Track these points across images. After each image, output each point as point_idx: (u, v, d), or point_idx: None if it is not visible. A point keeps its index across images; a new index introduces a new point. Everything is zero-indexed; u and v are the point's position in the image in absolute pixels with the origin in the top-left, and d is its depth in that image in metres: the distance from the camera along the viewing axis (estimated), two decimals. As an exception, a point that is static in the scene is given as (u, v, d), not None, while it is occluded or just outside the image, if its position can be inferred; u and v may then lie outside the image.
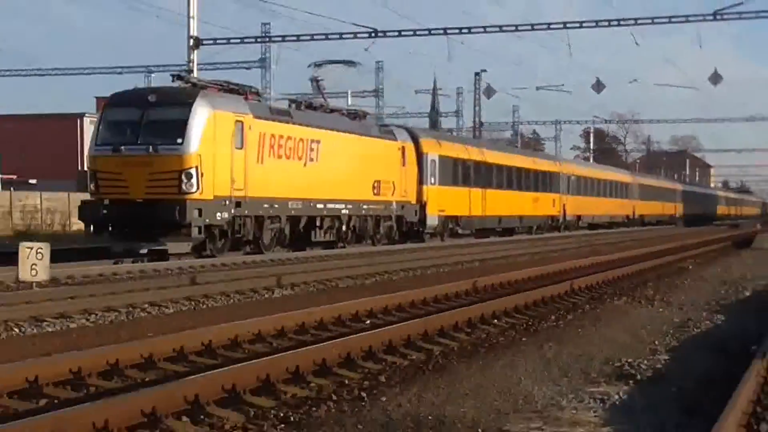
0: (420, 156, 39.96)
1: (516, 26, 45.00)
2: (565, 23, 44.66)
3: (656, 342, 13.89)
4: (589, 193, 65.45)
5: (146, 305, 16.58)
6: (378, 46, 57.48)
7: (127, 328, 13.72)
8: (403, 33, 45.44)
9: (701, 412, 8.66)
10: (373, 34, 44.20)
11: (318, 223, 32.51)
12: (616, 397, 9.91)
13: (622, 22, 43.19)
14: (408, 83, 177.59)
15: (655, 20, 43.18)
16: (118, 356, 10.41)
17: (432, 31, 45.21)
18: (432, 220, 39.93)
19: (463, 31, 44.79)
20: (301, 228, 31.90)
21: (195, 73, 42.37)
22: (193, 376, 9.36)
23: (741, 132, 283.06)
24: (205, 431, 7.94)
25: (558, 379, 10.74)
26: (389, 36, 44.91)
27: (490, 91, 74.56)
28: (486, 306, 15.91)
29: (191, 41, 42.72)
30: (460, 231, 44.18)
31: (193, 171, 25.61)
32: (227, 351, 11.82)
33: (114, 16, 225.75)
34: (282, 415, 8.55)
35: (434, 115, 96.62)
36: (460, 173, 43.75)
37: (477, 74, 76.34)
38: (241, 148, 27.83)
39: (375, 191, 36.22)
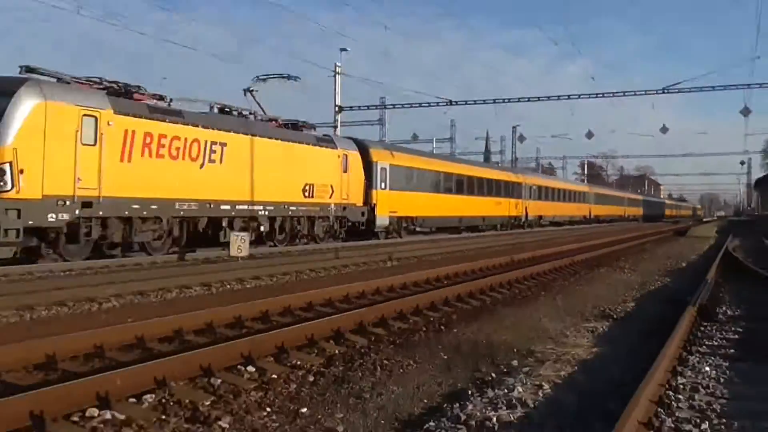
0: (369, 164, 29.73)
1: (538, 97, 44.19)
2: (569, 95, 43.98)
3: (626, 295, 13.64)
4: (549, 199, 57.42)
5: (307, 270, 16.68)
6: (452, 110, 57.22)
7: (296, 286, 13.80)
8: (468, 102, 45.21)
9: (656, 337, 8.44)
10: (449, 103, 44.09)
11: (225, 224, 21.27)
12: (601, 329, 9.81)
13: (605, 95, 42.64)
14: (471, 132, 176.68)
15: (626, 93, 42.55)
16: (291, 302, 10.52)
17: (486, 101, 44.69)
18: (382, 220, 30.51)
19: (505, 100, 44.17)
20: (201, 229, 20.65)
21: (338, 130, 40.88)
22: (336, 316, 9.36)
23: (680, 163, 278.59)
24: (344, 350, 7.92)
25: (564, 318, 10.62)
26: (459, 104, 44.79)
27: (522, 138, 73.41)
28: (518, 272, 15.66)
29: (336, 108, 42.83)
30: (418, 229, 35.11)
31: (6, 167, 15.13)
32: (358, 299, 11.83)
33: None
34: (391, 339, 8.59)
35: (487, 153, 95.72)
36: (415, 180, 34.05)
37: (514, 127, 75.38)
38: (93, 144, 17.00)
39: (306, 193, 25.19)
